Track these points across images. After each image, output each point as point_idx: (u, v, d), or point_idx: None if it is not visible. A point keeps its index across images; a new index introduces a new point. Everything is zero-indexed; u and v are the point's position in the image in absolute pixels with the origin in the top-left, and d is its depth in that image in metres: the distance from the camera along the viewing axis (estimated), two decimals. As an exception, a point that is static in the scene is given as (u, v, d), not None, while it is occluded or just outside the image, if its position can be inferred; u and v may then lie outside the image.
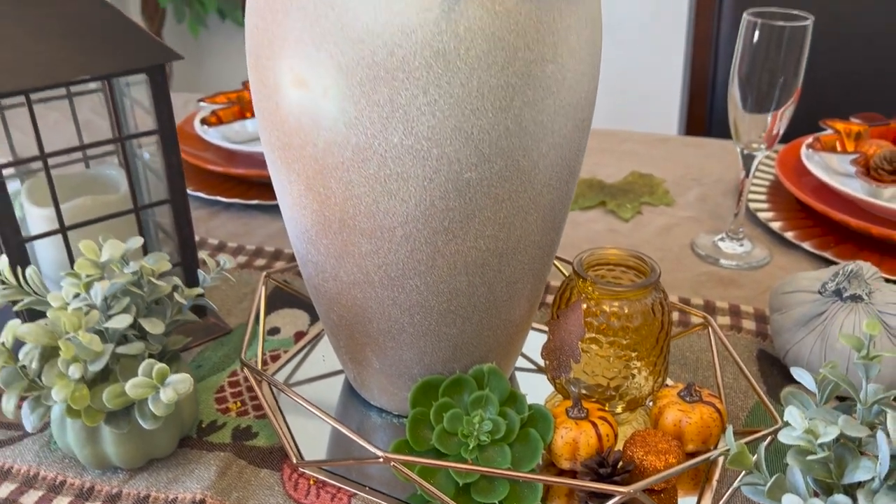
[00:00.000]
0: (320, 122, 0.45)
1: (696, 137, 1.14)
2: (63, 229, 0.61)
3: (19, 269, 0.55)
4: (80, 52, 0.56)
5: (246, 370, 0.62)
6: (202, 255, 0.58)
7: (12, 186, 0.63)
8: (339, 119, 0.45)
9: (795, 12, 0.75)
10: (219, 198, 0.95)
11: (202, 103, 1.09)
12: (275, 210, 0.95)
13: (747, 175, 0.82)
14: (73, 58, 0.56)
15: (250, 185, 0.99)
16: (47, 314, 0.50)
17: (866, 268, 0.64)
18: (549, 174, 0.49)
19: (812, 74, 0.83)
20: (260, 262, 0.84)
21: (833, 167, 0.93)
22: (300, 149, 0.47)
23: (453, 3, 0.41)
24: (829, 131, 0.98)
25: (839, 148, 0.95)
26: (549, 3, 0.44)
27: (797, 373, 0.48)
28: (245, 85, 1.14)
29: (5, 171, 0.56)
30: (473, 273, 0.50)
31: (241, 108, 1.09)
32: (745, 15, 0.75)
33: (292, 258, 0.84)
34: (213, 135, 1.03)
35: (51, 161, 0.62)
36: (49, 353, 0.50)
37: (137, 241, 0.55)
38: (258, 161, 0.99)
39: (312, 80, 0.44)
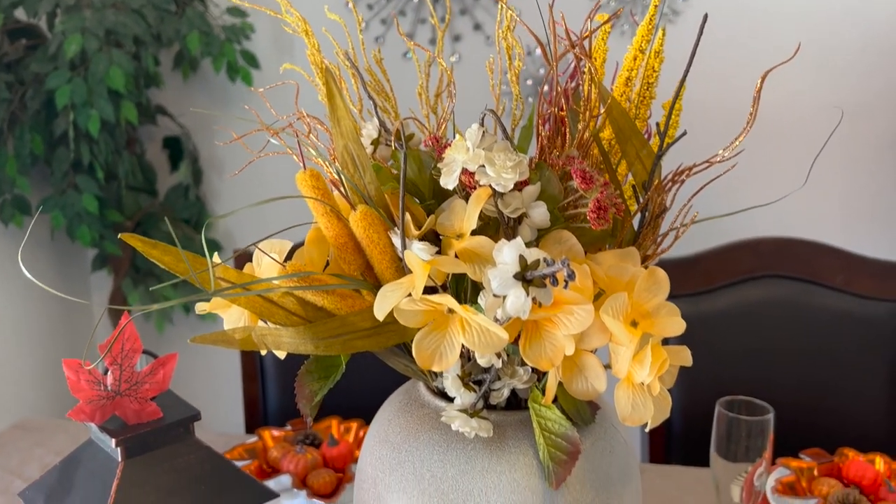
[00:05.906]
0: None
1: (668, 466, 1.28)
2: None
3: None
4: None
5: None
6: None
7: None
8: None
9: (759, 402, 0.92)
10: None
11: (223, 460, 1.17)
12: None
13: (734, 531, 0.95)
14: (193, 512, 0.66)
15: (276, 547, 1.05)
16: None
17: None
18: None
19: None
20: None
21: (798, 512, 1.07)
22: None
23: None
24: (788, 472, 1.13)
25: (799, 492, 1.10)
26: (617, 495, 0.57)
27: None
28: (258, 434, 1.24)
29: None
30: None
31: (260, 462, 1.18)
32: (717, 406, 0.92)
33: None
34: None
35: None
36: None
37: None
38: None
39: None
